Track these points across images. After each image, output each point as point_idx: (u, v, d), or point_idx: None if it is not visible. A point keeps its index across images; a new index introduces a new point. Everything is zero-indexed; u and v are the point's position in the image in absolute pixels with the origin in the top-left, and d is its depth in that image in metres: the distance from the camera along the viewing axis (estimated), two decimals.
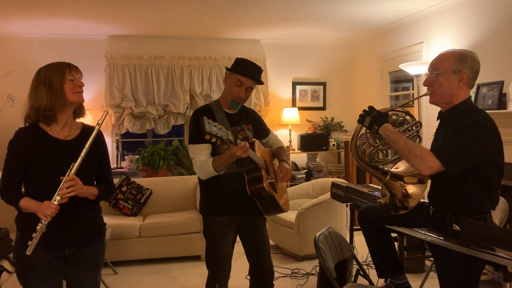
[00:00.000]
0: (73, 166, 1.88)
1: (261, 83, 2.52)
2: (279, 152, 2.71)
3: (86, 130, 2.07)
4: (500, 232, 1.39)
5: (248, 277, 2.68)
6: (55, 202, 1.84)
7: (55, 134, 1.98)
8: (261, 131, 2.69)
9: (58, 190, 1.85)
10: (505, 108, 3.45)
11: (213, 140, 2.04)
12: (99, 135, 2.06)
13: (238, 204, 2.43)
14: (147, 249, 4.32)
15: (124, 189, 4.78)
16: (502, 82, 3.57)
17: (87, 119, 5.55)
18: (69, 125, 2.03)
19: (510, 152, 2.03)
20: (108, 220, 4.39)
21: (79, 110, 2.09)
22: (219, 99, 2.53)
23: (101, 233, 2.14)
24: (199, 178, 2.48)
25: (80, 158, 1.89)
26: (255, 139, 2.48)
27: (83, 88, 2.06)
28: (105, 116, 2.01)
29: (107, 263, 4.08)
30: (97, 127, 1.98)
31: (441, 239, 1.44)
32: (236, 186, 2.39)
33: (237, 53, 6.12)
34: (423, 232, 1.65)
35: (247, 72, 2.41)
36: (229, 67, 2.46)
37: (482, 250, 1.29)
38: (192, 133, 2.41)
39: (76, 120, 2.09)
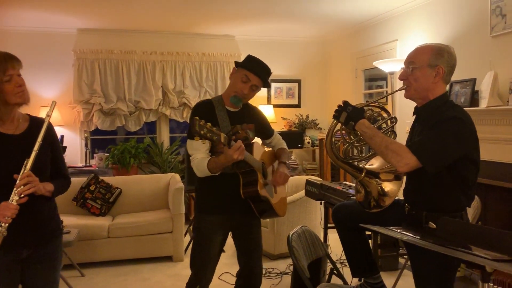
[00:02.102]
0: (27, 162, 1.75)
1: (268, 86, 2.42)
2: (279, 153, 2.61)
3: (35, 122, 1.93)
4: (477, 230, 1.35)
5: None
6: (14, 202, 1.71)
7: (1, 129, 1.84)
8: (265, 131, 2.59)
9: (14, 188, 1.72)
10: (477, 106, 3.47)
11: (203, 142, 1.94)
12: (49, 128, 1.92)
13: (232, 205, 2.34)
14: (116, 250, 4.17)
15: (92, 188, 4.61)
16: (475, 79, 3.59)
17: (54, 116, 5.34)
18: (16, 119, 1.89)
19: (483, 149, 2.03)
20: (75, 220, 4.27)
21: None
22: (223, 95, 2.41)
23: (58, 231, 2.03)
24: (195, 175, 2.38)
25: (33, 153, 1.76)
26: (254, 141, 2.39)
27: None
28: (54, 107, 1.88)
29: (74, 265, 3.91)
30: (47, 119, 1.86)
31: (417, 238, 1.39)
32: (231, 187, 2.29)
33: (212, 49, 6.03)
34: (399, 231, 1.60)
35: (257, 69, 2.31)
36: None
37: (460, 250, 1.24)
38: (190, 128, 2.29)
39: (22, 112, 1.94)
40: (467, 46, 3.76)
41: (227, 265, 3.86)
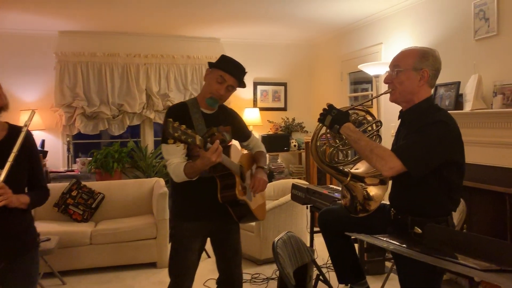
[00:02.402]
0: (0, 174, 1.68)
1: (244, 85, 2.37)
2: (257, 157, 2.54)
3: (13, 131, 1.86)
4: (464, 237, 1.32)
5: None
6: None
7: None
8: (241, 133, 2.53)
9: None
10: (462, 109, 3.48)
11: (178, 145, 1.87)
12: (28, 137, 1.85)
13: (210, 211, 2.27)
14: (98, 257, 4.07)
15: (74, 193, 4.50)
16: (459, 82, 3.60)
17: (35, 120, 5.22)
18: None
19: (468, 152, 2.02)
20: (56, 226, 4.17)
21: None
22: (197, 97, 2.34)
23: (34, 244, 1.96)
24: (170, 180, 2.31)
25: (8, 164, 1.69)
26: (232, 143, 2.33)
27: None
28: (33, 116, 1.81)
29: (55, 273, 3.81)
30: (24, 129, 1.79)
31: (404, 247, 1.35)
32: (208, 191, 2.22)
33: (196, 51, 5.97)
34: (385, 239, 1.56)
35: (232, 69, 2.26)
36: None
37: (449, 260, 1.20)
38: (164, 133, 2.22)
39: (1, 120, 1.87)
40: (451, 49, 3.78)
41: (212, 271, 3.77)
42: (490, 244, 1.28)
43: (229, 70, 2.24)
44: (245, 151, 2.59)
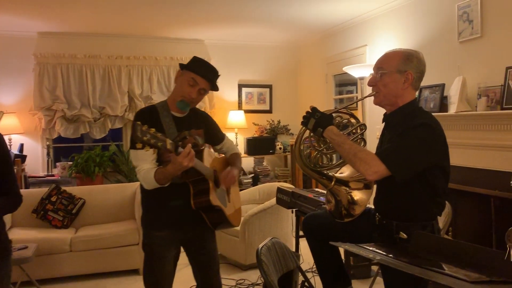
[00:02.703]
0: None
1: (216, 89, 2.28)
2: (232, 160, 2.46)
3: None
4: (453, 245, 1.27)
5: None
6: None
7: None
8: (215, 136, 2.43)
9: None
10: (447, 111, 3.46)
11: (147, 150, 1.79)
12: None
13: (183, 218, 2.19)
14: (79, 265, 3.95)
15: (53, 199, 4.37)
16: (443, 85, 3.59)
17: (13, 124, 5.08)
18: None
19: (452, 154, 2.00)
20: (35, 233, 4.04)
21: None
22: (168, 100, 2.25)
23: (5, 252, 1.86)
24: (141, 187, 2.22)
25: None
26: (204, 147, 2.24)
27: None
28: (0, 118, 1.71)
29: (33, 282, 3.68)
30: None
31: (391, 257, 1.29)
32: (181, 198, 2.14)
33: (180, 53, 5.88)
34: (371, 249, 1.51)
35: (204, 72, 2.16)
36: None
37: (437, 271, 1.16)
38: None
39: None
40: (435, 51, 3.77)
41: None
42: (479, 253, 1.24)
43: (201, 73, 2.15)
44: (219, 155, 2.51)
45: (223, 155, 2.51)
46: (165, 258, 2.21)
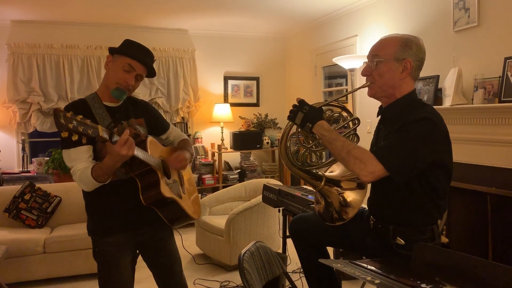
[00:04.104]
0: None
1: (154, 75, 2.07)
2: (181, 145, 2.23)
3: None
4: (462, 261, 1.08)
5: None
6: None
7: None
8: (158, 125, 2.20)
9: None
10: (441, 104, 3.29)
11: (74, 138, 1.54)
12: None
13: (135, 218, 1.98)
14: (53, 267, 3.71)
15: (27, 197, 4.12)
16: (438, 76, 3.42)
17: None
18: None
19: None
20: (6, 234, 3.79)
21: None
22: (97, 91, 2.02)
23: None
24: (83, 191, 1.98)
25: None
26: (147, 136, 2.02)
27: None
28: None
29: (2, 286, 3.44)
30: None
31: (392, 279, 1.09)
32: (129, 196, 1.92)
33: (163, 43, 5.63)
34: (367, 266, 1.32)
35: (141, 56, 1.95)
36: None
37: None
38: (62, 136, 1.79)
39: None
40: (429, 41, 3.58)
41: None
42: (490, 269, 1.06)
43: (138, 57, 1.94)
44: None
45: (171, 145, 2.27)
46: (121, 266, 1.98)
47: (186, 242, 4.17)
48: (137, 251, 2.14)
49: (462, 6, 3.28)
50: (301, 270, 3.56)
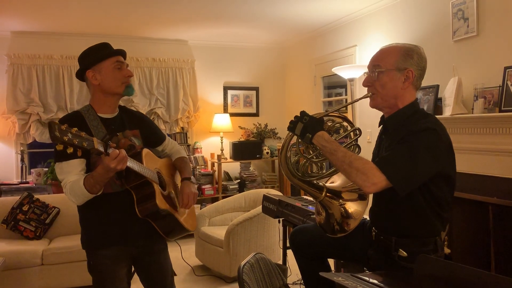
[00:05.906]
0: None
1: (125, 55, 2.11)
2: (180, 166, 2.22)
3: None
4: (469, 274, 1.06)
5: None
6: None
7: None
8: (153, 137, 2.19)
9: None
10: (441, 114, 3.28)
11: (70, 151, 1.52)
12: None
13: (130, 231, 1.95)
14: (51, 279, 3.67)
15: (25, 208, 4.09)
16: (438, 86, 3.42)
17: None
18: None
19: None
20: (4, 246, 3.75)
21: None
22: (91, 103, 2.02)
23: None
24: (77, 206, 1.96)
25: None
26: (142, 147, 2.01)
27: None
28: None
29: None
30: None
31: None
32: (124, 208, 1.90)
33: (163, 54, 5.64)
34: (369, 279, 1.29)
35: (113, 50, 2.00)
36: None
37: None
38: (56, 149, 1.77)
39: None
40: (429, 51, 3.55)
41: None
42: (494, 282, 1.03)
43: (114, 51, 1.99)
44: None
45: (167, 158, 2.25)
46: (116, 278, 1.96)
47: (185, 254, 4.13)
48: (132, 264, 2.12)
49: (461, 16, 3.29)
50: (302, 282, 3.53)
